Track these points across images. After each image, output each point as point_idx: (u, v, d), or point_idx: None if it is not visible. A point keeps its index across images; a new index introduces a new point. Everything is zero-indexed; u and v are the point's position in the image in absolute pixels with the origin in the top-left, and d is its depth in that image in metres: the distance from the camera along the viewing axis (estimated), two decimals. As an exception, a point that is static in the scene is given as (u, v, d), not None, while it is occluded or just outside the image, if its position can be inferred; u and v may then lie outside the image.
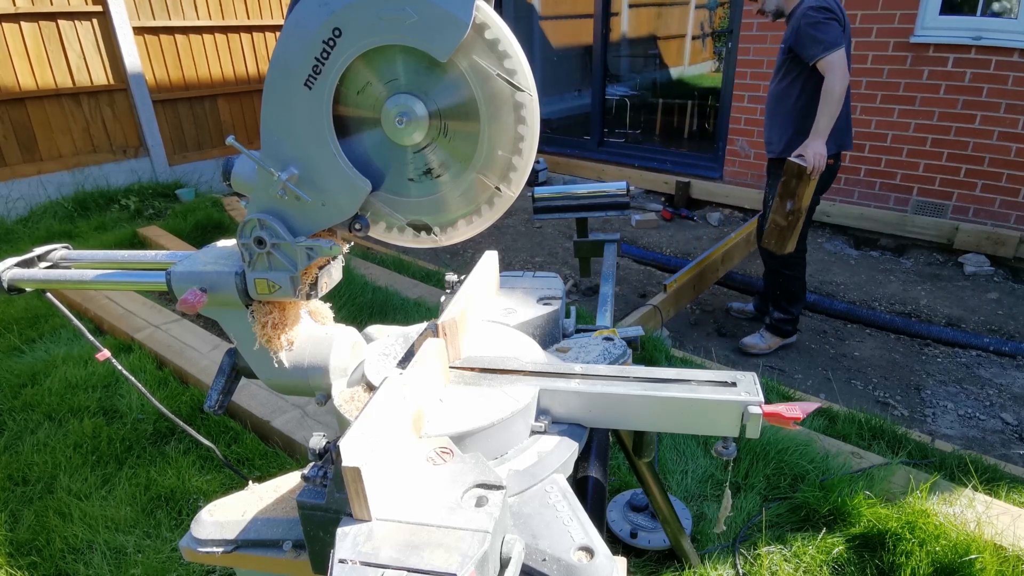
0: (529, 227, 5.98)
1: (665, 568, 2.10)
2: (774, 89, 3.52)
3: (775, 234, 3.38)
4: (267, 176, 1.03)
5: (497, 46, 0.95)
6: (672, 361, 3.31)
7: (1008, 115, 4.67)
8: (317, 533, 0.86)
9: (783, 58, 3.39)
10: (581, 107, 7.72)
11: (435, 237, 1.13)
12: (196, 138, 7.23)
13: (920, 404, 3.37)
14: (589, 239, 2.45)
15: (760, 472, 2.44)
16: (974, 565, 1.91)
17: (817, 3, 3.13)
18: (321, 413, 2.78)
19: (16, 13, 5.67)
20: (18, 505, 2.50)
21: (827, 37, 3.08)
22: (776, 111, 3.51)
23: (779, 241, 3.38)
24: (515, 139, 1.01)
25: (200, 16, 6.91)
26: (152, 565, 2.17)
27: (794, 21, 3.22)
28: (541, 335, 1.41)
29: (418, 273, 4.58)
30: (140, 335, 3.57)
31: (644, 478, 1.65)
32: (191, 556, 1.06)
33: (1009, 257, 4.74)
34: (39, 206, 6.06)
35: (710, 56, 7.57)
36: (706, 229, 5.88)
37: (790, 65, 3.34)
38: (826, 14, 3.10)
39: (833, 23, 3.10)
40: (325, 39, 0.94)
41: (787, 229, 3.33)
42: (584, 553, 0.87)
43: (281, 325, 1.17)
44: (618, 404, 1.08)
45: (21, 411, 3.03)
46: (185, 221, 5.59)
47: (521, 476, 0.99)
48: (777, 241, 3.39)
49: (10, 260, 1.31)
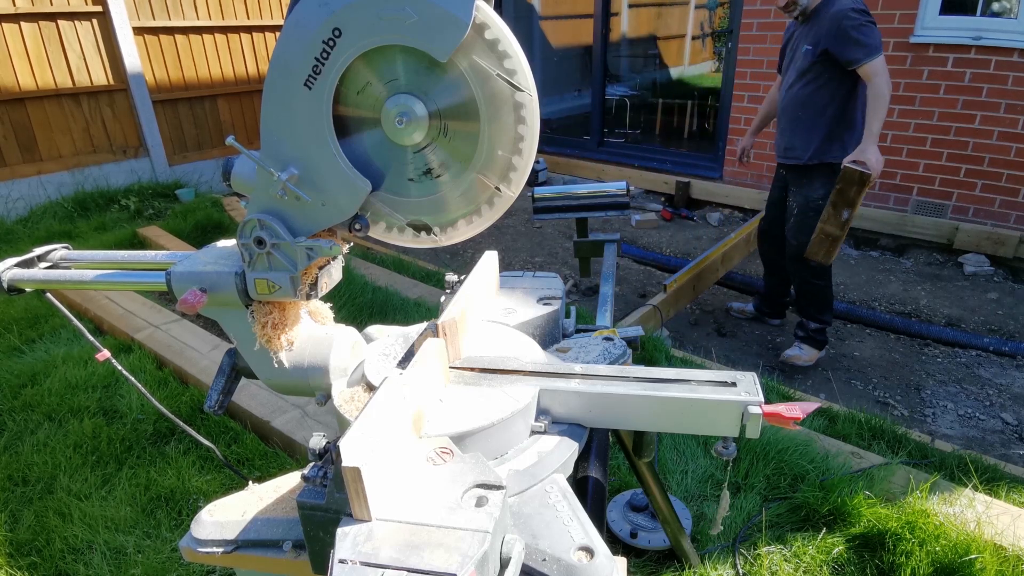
0: (529, 227, 5.98)
1: (665, 568, 2.10)
2: (797, 93, 3.32)
3: (825, 245, 3.17)
4: (267, 176, 1.03)
5: (497, 46, 0.95)
6: (672, 361, 3.31)
7: (1008, 115, 4.67)
8: (317, 533, 0.86)
9: (811, 61, 3.20)
10: (581, 107, 7.73)
11: (435, 237, 1.13)
12: (196, 138, 7.23)
13: (920, 404, 3.37)
14: (589, 239, 2.45)
15: (760, 472, 2.44)
16: (974, 565, 1.91)
17: (856, 4, 3.02)
18: (321, 413, 2.78)
19: (16, 13, 5.67)
20: (18, 505, 2.50)
21: (871, 40, 2.99)
22: (800, 116, 3.33)
23: (828, 252, 3.19)
24: (515, 139, 1.01)
25: (200, 16, 6.91)
26: (152, 565, 2.17)
27: (829, 23, 3.07)
28: (541, 335, 1.41)
29: (418, 273, 4.58)
30: (140, 335, 3.57)
31: (644, 478, 1.65)
32: (191, 556, 1.06)
33: (1009, 257, 4.74)
34: (39, 206, 6.06)
35: (710, 56, 7.57)
36: (706, 229, 5.88)
37: (820, 68, 3.18)
38: (867, 17, 3.01)
39: (874, 26, 3.02)
40: (325, 39, 0.94)
41: (838, 240, 3.14)
42: (584, 553, 0.87)
43: (281, 325, 1.17)
44: (618, 404, 1.08)
45: (21, 411, 3.03)
46: (185, 221, 5.59)
47: (521, 476, 0.99)
48: (827, 252, 3.19)
49: (10, 260, 1.31)
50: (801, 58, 3.27)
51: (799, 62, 3.30)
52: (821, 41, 3.13)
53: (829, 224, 3.13)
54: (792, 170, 3.49)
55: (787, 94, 3.41)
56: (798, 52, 3.32)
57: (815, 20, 3.18)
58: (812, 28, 3.20)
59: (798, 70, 3.30)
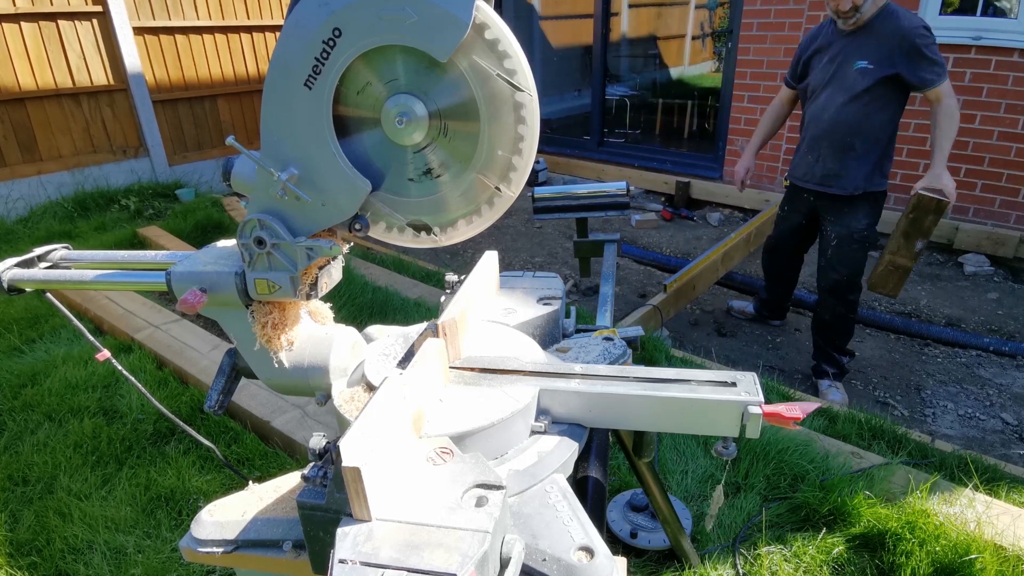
0: (529, 227, 5.98)
1: (665, 568, 2.10)
2: (849, 116, 3.00)
3: (895, 277, 2.95)
4: (267, 176, 1.03)
5: (497, 46, 0.95)
6: (672, 361, 3.31)
7: (1008, 115, 4.66)
8: (317, 533, 0.86)
9: (872, 81, 2.90)
10: (581, 107, 7.73)
11: (435, 237, 1.13)
12: (196, 138, 7.23)
13: (920, 404, 3.37)
14: (589, 239, 2.44)
15: (760, 472, 2.44)
16: (974, 565, 1.91)
17: (921, 20, 2.80)
18: (321, 413, 2.78)
19: (16, 13, 5.67)
20: (18, 505, 2.50)
21: (942, 59, 2.83)
22: (850, 143, 3.04)
23: (897, 285, 2.98)
24: (515, 139, 1.01)
25: (200, 16, 6.91)
26: (152, 565, 2.17)
27: (897, 40, 2.82)
28: (541, 335, 1.41)
29: (418, 273, 4.58)
30: (140, 335, 3.57)
31: (644, 478, 1.65)
32: (191, 556, 1.06)
33: (1009, 257, 4.74)
34: (39, 206, 6.06)
35: (710, 56, 7.57)
36: (706, 229, 5.88)
37: (882, 90, 2.91)
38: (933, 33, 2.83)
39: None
40: (325, 39, 0.94)
41: (909, 271, 2.94)
42: (584, 553, 0.87)
43: (281, 325, 1.17)
44: (618, 404, 1.08)
45: (21, 411, 3.03)
46: (185, 221, 5.59)
47: (521, 476, 0.99)
48: (895, 285, 2.98)
49: (10, 260, 1.31)
50: (855, 76, 2.95)
51: (850, 80, 2.97)
52: (887, 59, 2.86)
53: (900, 255, 2.90)
54: (828, 199, 3.22)
55: (831, 115, 3.06)
56: (845, 68, 2.99)
57: (868, 33, 2.90)
58: (866, 42, 2.91)
59: (849, 90, 2.98)
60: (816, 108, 3.15)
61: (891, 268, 2.97)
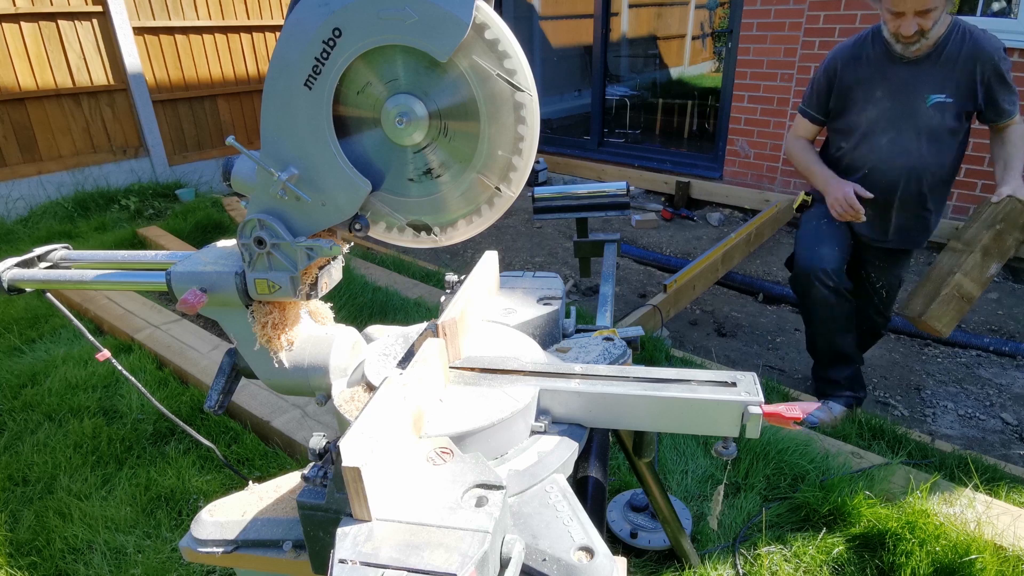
0: (529, 227, 5.98)
1: (665, 568, 2.10)
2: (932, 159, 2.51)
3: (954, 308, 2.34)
4: (267, 176, 1.03)
5: (497, 46, 0.95)
6: (672, 361, 3.31)
7: (1008, 115, 4.65)
8: (317, 533, 0.86)
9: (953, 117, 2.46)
10: (581, 107, 7.73)
11: (435, 237, 1.13)
12: (196, 138, 7.23)
13: (920, 404, 3.37)
14: (589, 239, 2.44)
15: (760, 472, 2.44)
16: (974, 565, 1.91)
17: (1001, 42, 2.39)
18: (321, 413, 2.78)
19: (16, 13, 5.67)
20: (18, 505, 2.50)
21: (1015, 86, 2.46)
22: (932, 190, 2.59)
23: (954, 318, 2.39)
24: (515, 139, 1.02)
25: (200, 16, 6.91)
26: (152, 565, 2.17)
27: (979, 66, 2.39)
28: (541, 335, 1.41)
29: (418, 273, 4.58)
30: (140, 335, 3.57)
31: (644, 478, 1.65)
32: (191, 556, 1.06)
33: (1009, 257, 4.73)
34: (39, 206, 6.06)
35: (710, 56, 7.58)
36: (706, 229, 5.88)
37: (962, 125, 2.50)
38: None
39: None
40: (325, 39, 0.94)
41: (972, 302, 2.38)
42: (584, 553, 0.87)
43: (281, 325, 1.17)
44: (618, 404, 1.08)
45: (21, 411, 3.03)
46: (185, 221, 5.59)
47: (521, 476, 0.99)
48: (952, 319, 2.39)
49: (10, 260, 1.31)
50: (931, 114, 2.47)
51: (924, 119, 2.48)
52: (967, 90, 2.43)
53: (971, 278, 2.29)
54: (885, 251, 2.82)
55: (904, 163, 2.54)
56: (915, 104, 2.48)
57: (938, 59, 2.43)
58: (937, 71, 2.44)
59: (926, 130, 2.49)
60: (880, 154, 2.59)
61: (956, 295, 2.33)
